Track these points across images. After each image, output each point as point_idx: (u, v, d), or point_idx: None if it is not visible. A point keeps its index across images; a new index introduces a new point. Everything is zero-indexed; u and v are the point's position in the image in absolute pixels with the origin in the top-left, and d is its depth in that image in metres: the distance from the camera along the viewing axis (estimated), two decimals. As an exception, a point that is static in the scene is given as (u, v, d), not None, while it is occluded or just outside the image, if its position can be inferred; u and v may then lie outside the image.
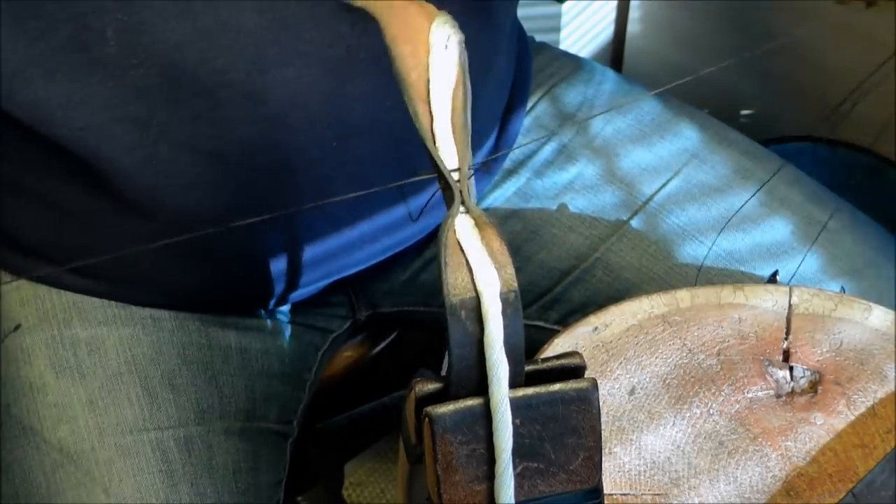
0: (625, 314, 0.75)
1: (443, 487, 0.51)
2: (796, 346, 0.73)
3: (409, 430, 0.53)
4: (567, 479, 0.52)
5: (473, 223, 0.50)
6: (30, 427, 0.81)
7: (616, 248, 0.91)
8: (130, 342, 0.84)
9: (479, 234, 0.49)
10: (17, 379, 0.83)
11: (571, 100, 0.97)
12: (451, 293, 0.49)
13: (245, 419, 0.86)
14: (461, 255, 0.49)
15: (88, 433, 0.81)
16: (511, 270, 0.49)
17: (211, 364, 0.86)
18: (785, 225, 0.90)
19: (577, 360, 0.52)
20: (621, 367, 0.72)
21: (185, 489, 0.80)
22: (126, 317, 0.85)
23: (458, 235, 0.49)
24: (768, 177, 0.93)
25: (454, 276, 0.49)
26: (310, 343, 0.94)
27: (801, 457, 0.68)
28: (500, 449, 0.50)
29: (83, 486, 0.79)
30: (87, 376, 0.82)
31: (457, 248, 0.49)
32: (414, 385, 0.51)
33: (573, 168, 0.94)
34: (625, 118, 0.96)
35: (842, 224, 0.91)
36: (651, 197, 0.92)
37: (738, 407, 0.70)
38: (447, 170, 0.50)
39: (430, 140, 0.50)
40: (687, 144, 0.95)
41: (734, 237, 0.90)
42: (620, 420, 0.70)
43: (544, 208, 0.93)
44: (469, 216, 0.50)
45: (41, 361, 0.83)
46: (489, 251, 0.49)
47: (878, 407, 0.70)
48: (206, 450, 0.83)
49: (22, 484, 0.80)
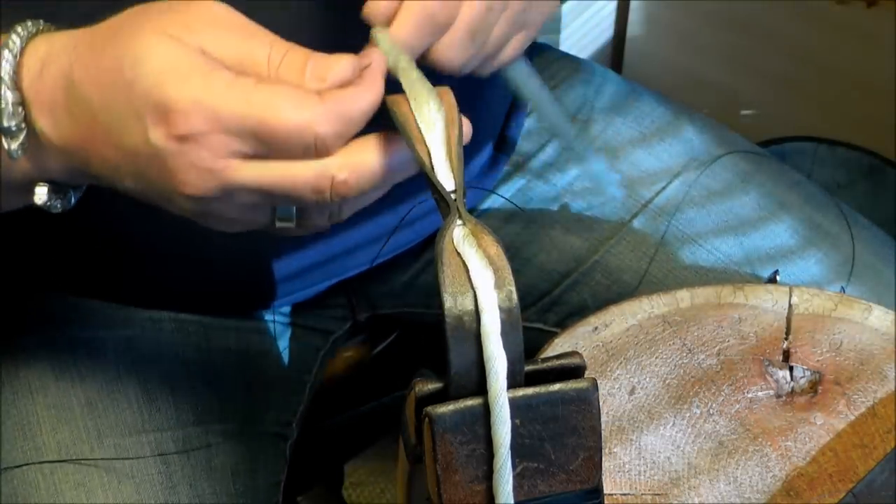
0: (625, 314, 0.74)
1: (443, 487, 0.51)
2: (796, 346, 0.73)
3: (409, 430, 0.53)
4: (567, 479, 0.52)
5: (469, 231, 0.52)
6: (29, 428, 0.81)
7: (615, 250, 0.91)
8: (129, 344, 0.84)
9: (476, 240, 0.52)
10: (16, 380, 0.83)
11: (571, 101, 0.97)
12: (447, 291, 0.50)
13: (244, 421, 0.86)
14: (458, 258, 0.51)
15: (87, 435, 0.81)
16: (508, 271, 0.51)
17: (210, 366, 0.86)
18: (785, 228, 0.90)
19: (577, 360, 0.52)
20: (621, 367, 0.72)
21: (184, 490, 0.80)
22: (125, 319, 0.85)
23: (454, 243, 0.52)
24: (768, 180, 0.93)
25: (451, 276, 0.51)
26: (309, 344, 0.94)
27: (801, 457, 0.68)
28: (498, 444, 0.50)
29: (82, 488, 0.79)
30: (86, 378, 0.82)
31: (453, 253, 0.51)
32: (414, 385, 0.51)
33: (573, 170, 0.94)
34: (625, 120, 0.96)
35: (841, 227, 0.91)
36: (651, 199, 0.92)
37: (738, 407, 0.70)
38: (444, 189, 0.54)
39: (427, 166, 0.55)
40: (687, 147, 0.95)
41: (734, 240, 0.90)
42: (620, 420, 0.69)
43: (544, 210, 0.93)
44: (465, 226, 0.52)
45: (40, 363, 0.83)
46: (485, 254, 0.51)
47: (878, 407, 0.70)
48: (204, 451, 0.83)
49: (21, 485, 0.80)
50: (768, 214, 0.91)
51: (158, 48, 0.55)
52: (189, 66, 0.55)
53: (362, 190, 0.57)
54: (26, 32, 0.60)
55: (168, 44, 0.56)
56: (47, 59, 0.59)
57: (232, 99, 0.54)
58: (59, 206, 0.64)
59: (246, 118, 0.54)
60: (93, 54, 0.58)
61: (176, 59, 0.55)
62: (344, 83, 0.56)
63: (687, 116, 0.97)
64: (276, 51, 0.57)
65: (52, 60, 0.59)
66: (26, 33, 0.60)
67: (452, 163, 0.55)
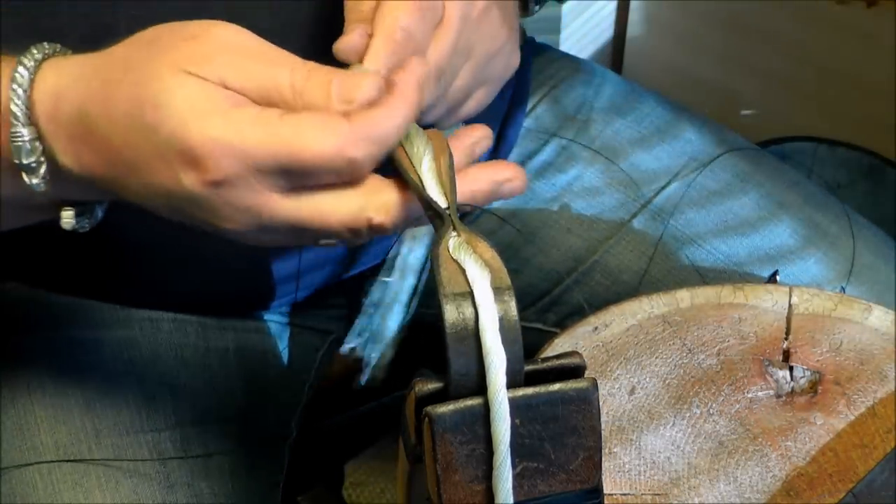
0: (625, 314, 0.74)
1: (443, 487, 0.51)
2: (796, 346, 0.73)
3: (409, 430, 0.53)
4: (567, 479, 0.52)
5: (464, 240, 0.53)
6: (27, 428, 0.81)
7: (615, 250, 0.91)
8: (128, 344, 0.84)
9: (471, 247, 0.53)
10: (15, 380, 0.83)
11: (571, 101, 0.97)
12: (445, 292, 0.51)
13: (242, 421, 0.86)
14: (454, 263, 0.52)
15: (86, 434, 0.81)
16: (504, 272, 0.52)
17: (209, 365, 0.86)
18: (784, 228, 0.90)
19: (577, 360, 0.52)
20: (621, 367, 0.72)
21: (182, 490, 0.80)
22: (124, 318, 0.85)
23: (450, 250, 0.53)
24: (767, 180, 0.93)
25: (448, 277, 0.51)
26: (308, 344, 0.94)
27: (801, 457, 0.68)
28: (497, 440, 0.50)
29: (80, 487, 0.79)
30: (84, 378, 0.82)
31: (449, 259, 0.52)
32: (414, 385, 0.51)
33: (573, 170, 0.94)
34: (625, 120, 0.96)
35: (841, 227, 0.91)
36: (650, 199, 0.92)
37: (738, 407, 0.70)
38: (438, 205, 0.56)
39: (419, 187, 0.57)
40: (686, 147, 0.95)
41: (733, 240, 0.90)
42: (620, 420, 0.69)
43: (543, 210, 0.93)
44: (460, 236, 0.53)
45: (39, 363, 0.83)
46: (481, 257, 0.52)
47: (878, 407, 0.70)
48: (203, 451, 0.83)
49: (19, 485, 0.80)
50: (768, 214, 0.91)
51: (178, 90, 0.54)
52: (211, 106, 0.54)
53: (396, 229, 0.58)
54: (33, 62, 0.58)
55: (187, 83, 0.55)
56: (59, 92, 0.58)
57: (259, 136, 0.54)
58: (88, 226, 0.64)
59: (276, 155, 0.54)
60: (108, 91, 0.56)
61: (197, 100, 0.54)
62: (371, 102, 0.56)
63: (687, 116, 0.97)
64: (299, 74, 0.56)
65: (64, 94, 0.58)
66: (33, 63, 0.58)
67: (444, 186, 0.57)
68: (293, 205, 0.56)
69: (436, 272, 0.52)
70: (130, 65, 0.57)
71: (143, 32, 0.58)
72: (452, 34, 0.65)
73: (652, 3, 1.55)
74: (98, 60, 0.58)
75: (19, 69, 0.58)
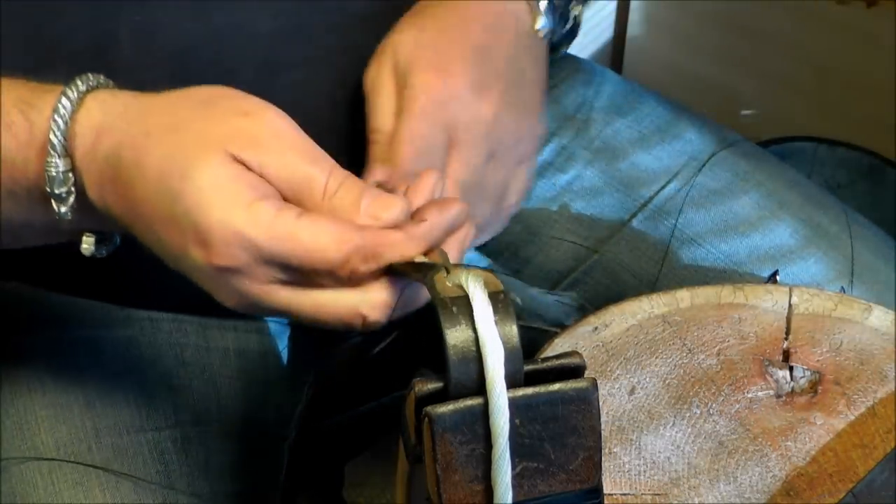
0: (624, 314, 0.74)
1: (442, 487, 0.51)
2: (796, 346, 0.73)
3: (409, 430, 0.53)
4: (567, 479, 0.52)
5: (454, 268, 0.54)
6: (27, 427, 0.81)
7: (615, 250, 0.91)
8: (128, 344, 0.84)
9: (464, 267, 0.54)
10: (15, 379, 0.83)
11: (571, 101, 0.97)
12: (440, 293, 0.52)
13: (242, 421, 0.86)
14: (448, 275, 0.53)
15: (86, 434, 0.81)
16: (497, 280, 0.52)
17: (208, 365, 0.86)
18: (784, 228, 0.90)
19: (577, 360, 0.52)
20: (621, 367, 0.72)
21: (182, 490, 0.80)
22: (124, 318, 0.85)
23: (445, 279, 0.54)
24: (767, 180, 0.93)
25: (442, 284, 0.52)
26: (308, 344, 0.94)
27: (801, 457, 0.68)
28: (496, 434, 0.50)
29: (80, 487, 0.79)
30: (84, 377, 0.82)
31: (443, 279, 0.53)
32: (414, 385, 0.51)
33: (572, 170, 0.94)
34: (625, 120, 0.96)
35: (841, 226, 0.91)
36: (650, 199, 0.92)
37: (738, 407, 0.70)
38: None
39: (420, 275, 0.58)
40: (686, 147, 0.95)
41: (733, 240, 0.90)
42: (620, 420, 0.69)
43: (543, 209, 0.93)
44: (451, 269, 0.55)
45: (39, 362, 0.83)
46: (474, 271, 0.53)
47: (878, 407, 0.70)
48: (202, 451, 0.83)
49: (19, 484, 0.80)
50: (768, 214, 0.91)
51: (210, 169, 0.56)
52: (235, 194, 0.55)
53: (385, 321, 0.59)
54: (76, 94, 0.59)
55: (221, 164, 0.56)
56: (101, 129, 0.59)
57: (273, 233, 0.55)
58: (106, 252, 0.65)
59: (286, 254, 0.56)
60: (146, 143, 0.57)
61: (224, 185, 0.55)
62: (395, 225, 0.58)
63: (687, 116, 0.97)
64: (334, 179, 0.58)
65: (105, 132, 0.59)
66: (76, 95, 0.59)
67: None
68: (291, 296, 0.58)
69: (429, 281, 0.53)
70: (176, 124, 0.58)
71: (197, 90, 0.60)
72: (470, 156, 0.70)
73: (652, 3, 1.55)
74: (144, 104, 0.59)
75: (63, 100, 0.59)
